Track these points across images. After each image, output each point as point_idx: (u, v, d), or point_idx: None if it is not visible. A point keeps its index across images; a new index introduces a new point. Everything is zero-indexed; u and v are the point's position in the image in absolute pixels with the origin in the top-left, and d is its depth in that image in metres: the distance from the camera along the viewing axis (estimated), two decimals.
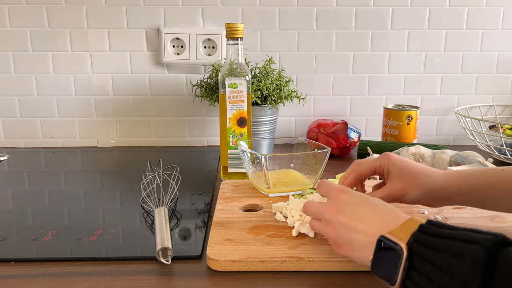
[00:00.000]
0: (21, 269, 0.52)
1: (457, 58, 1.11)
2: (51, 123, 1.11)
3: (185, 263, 0.53)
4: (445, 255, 0.35)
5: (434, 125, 1.15)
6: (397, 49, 1.09)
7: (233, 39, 0.78)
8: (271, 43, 1.08)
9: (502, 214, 0.64)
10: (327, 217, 0.48)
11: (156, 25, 1.06)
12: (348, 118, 1.13)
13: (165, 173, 0.77)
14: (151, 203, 0.69)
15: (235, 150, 0.81)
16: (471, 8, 1.07)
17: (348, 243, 0.46)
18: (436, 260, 0.36)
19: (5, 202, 0.75)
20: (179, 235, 0.61)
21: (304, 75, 1.10)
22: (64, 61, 1.07)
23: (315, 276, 0.51)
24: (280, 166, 0.76)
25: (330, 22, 1.07)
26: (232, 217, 0.63)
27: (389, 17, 1.07)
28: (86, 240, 0.59)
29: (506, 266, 0.32)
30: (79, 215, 0.68)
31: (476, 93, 1.13)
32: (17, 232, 0.62)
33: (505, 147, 0.91)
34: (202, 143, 1.14)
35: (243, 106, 0.79)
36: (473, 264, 0.33)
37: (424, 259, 0.37)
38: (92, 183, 0.85)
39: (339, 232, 0.47)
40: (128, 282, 0.49)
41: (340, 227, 0.47)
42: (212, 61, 1.05)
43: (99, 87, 1.09)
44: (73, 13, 1.04)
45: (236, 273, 0.51)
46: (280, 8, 1.06)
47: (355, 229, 0.45)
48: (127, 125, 1.12)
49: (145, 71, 1.09)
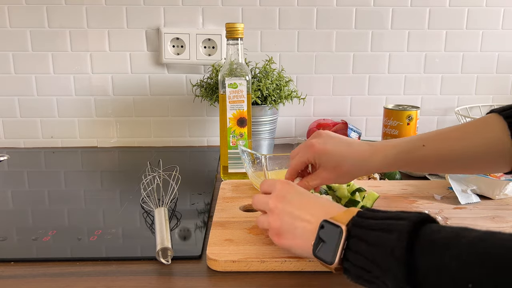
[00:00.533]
0: (21, 269, 0.52)
1: (457, 58, 1.11)
2: (51, 123, 1.11)
3: (185, 263, 0.53)
4: (377, 232, 0.39)
5: (434, 125, 1.15)
6: (397, 49, 1.09)
7: (233, 39, 0.78)
8: (271, 43, 1.08)
9: (502, 214, 0.64)
10: (272, 206, 0.50)
11: (156, 25, 1.06)
12: (348, 118, 1.13)
13: (165, 173, 0.77)
14: (151, 203, 0.69)
15: (235, 150, 0.81)
16: (471, 8, 1.07)
17: (291, 232, 0.47)
18: (370, 238, 0.39)
19: (5, 202, 0.75)
20: (179, 235, 0.61)
21: (304, 75, 1.10)
22: (64, 61, 1.07)
23: (315, 276, 0.51)
24: (280, 166, 0.76)
25: (330, 22, 1.07)
26: (232, 217, 0.63)
27: (389, 17, 1.07)
28: (86, 240, 0.59)
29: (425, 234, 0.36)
30: (79, 215, 0.68)
31: (476, 93, 1.13)
32: (17, 232, 0.62)
33: None
34: (202, 143, 1.14)
35: (243, 106, 0.79)
36: (399, 235, 0.37)
37: (360, 239, 0.40)
38: (92, 183, 0.85)
39: (282, 220, 0.48)
40: (128, 282, 0.49)
41: (285, 215, 0.48)
42: (212, 61, 1.05)
43: (99, 87, 1.09)
44: (73, 13, 1.04)
45: (236, 273, 0.51)
46: (280, 8, 1.06)
47: (299, 217, 0.47)
48: (127, 125, 1.12)
49: (145, 71, 1.09)
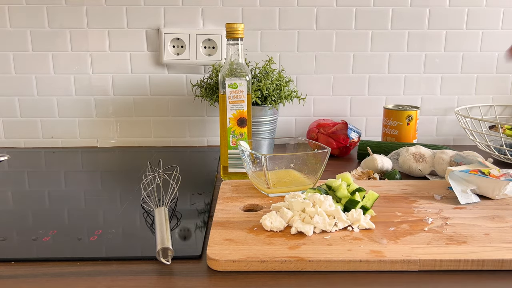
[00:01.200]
0: (21, 269, 0.52)
1: (457, 58, 1.11)
2: (51, 123, 1.11)
3: (185, 263, 0.53)
4: None
5: (434, 125, 1.15)
6: (397, 49, 1.09)
7: (233, 39, 0.78)
8: (271, 43, 1.08)
9: (502, 214, 0.64)
10: None
11: (156, 25, 1.06)
12: (348, 118, 1.13)
13: (165, 173, 0.77)
14: (151, 203, 0.69)
15: (235, 150, 0.81)
16: (471, 8, 1.07)
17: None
18: None
19: (5, 202, 0.75)
20: (179, 235, 0.61)
21: (304, 75, 1.11)
22: (64, 61, 1.07)
23: (315, 276, 0.51)
24: (280, 166, 0.76)
25: (330, 22, 1.07)
26: (232, 217, 0.63)
27: (389, 17, 1.07)
28: (86, 240, 0.59)
29: None
30: (79, 215, 0.68)
31: (476, 93, 1.13)
32: (17, 232, 0.62)
33: (505, 147, 0.91)
34: (202, 143, 1.14)
35: (243, 106, 0.79)
36: None
37: None
38: (92, 183, 0.85)
39: None
40: (128, 282, 0.50)
41: None
42: (212, 61, 1.05)
43: (99, 87, 1.09)
44: (73, 13, 1.04)
45: (236, 273, 0.51)
46: (280, 8, 1.06)
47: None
48: (127, 125, 1.12)
49: (145, 71, 1.09)
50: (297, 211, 0.61)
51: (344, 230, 0.59)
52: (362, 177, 0.83)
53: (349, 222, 0.59)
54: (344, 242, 0.55)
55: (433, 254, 0.52)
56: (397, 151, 0.91)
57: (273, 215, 0.60)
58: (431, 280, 0.50)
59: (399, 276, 0.50)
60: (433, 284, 0.49)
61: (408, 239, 0.55)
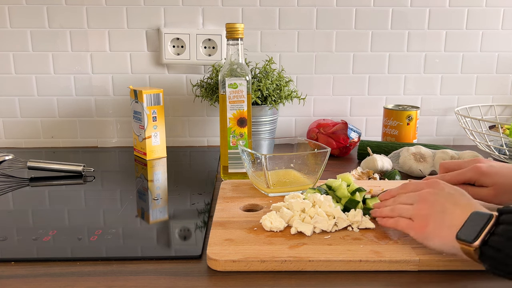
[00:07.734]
0: (21, 269, 0.52)
1: (457, 58, 1.11)
2: (51, 123, 1.11)
3: (185, 263, 0.53)
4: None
5: (434, 125, 1.15)
6: (397, 49, 1.09)
7: (233, 39, 0.78)
8: (271, 43, 1.08)
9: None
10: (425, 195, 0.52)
11: (156, 25, 1.06)
12: (348, 118, 1.13)
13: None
14: None
15: (235, 150, 0.81)
16: (471, 8, 1.07)
17: (439, 221, 0.49)
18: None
19: (5, 202, 0.75)
20: (179, 235, 0.61)
21: (304, 75, 1.11)
22: (64, 61, 1.07)
23: (315, 276, 0.51)
24: (280, 166, 0.76)
25: (330, 22, 1.07)
26: (232, 217, 0.63)
27: (389, 17, 1.07)
28: (86, 240, 0.59)
29: None
30: (79, 215, 0.68)
31: (476, 93, 1.13)
32: (17, 232, 0.62)
33: (505, 147, 0.91)
34: (202, 143, 1.14)
35: (243, 106, 0.79)
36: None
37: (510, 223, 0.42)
38: (92, 183, 0.85)
39: (433, 208, 0.50)
40: (128, 282, 0.50)
41: (436, 205, 0.50)
42: (212, 61, 1.05)
43: (99, 87, 1.09)
44: (73, 13, 1.04)
45: (236, 273, 0.51)
46: (280, 8, 1.06)
47: (450, 210, 0.49)
48: (127, 125, 1.12)
49: (145, 71, 1.09)
50: (297, 211, 0.61)
51: (344, 230, 0.59)
52: (362, 177, 0.83)
53: (349, 222, 0.59)
54: (344, 242, 0.55)
55: (433, 254, 0.52)
56: (397, 151, 0.91)
57: (273, 215, 0.60)
58: (431, 280, 0.50)
59: (399, 276, 0.50)
60: (433, 284, 0.49)
61: (408, 239, 0.55)
